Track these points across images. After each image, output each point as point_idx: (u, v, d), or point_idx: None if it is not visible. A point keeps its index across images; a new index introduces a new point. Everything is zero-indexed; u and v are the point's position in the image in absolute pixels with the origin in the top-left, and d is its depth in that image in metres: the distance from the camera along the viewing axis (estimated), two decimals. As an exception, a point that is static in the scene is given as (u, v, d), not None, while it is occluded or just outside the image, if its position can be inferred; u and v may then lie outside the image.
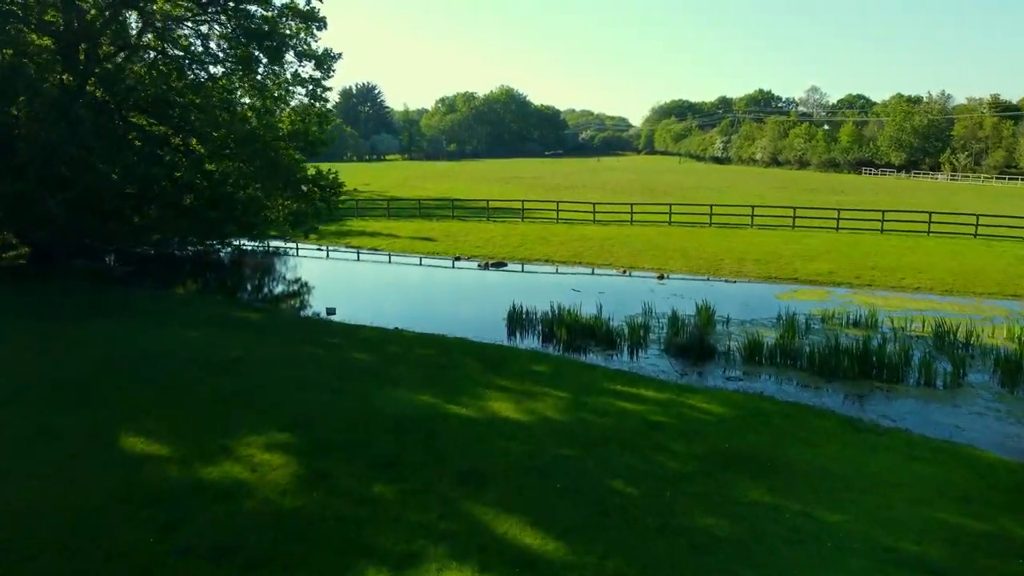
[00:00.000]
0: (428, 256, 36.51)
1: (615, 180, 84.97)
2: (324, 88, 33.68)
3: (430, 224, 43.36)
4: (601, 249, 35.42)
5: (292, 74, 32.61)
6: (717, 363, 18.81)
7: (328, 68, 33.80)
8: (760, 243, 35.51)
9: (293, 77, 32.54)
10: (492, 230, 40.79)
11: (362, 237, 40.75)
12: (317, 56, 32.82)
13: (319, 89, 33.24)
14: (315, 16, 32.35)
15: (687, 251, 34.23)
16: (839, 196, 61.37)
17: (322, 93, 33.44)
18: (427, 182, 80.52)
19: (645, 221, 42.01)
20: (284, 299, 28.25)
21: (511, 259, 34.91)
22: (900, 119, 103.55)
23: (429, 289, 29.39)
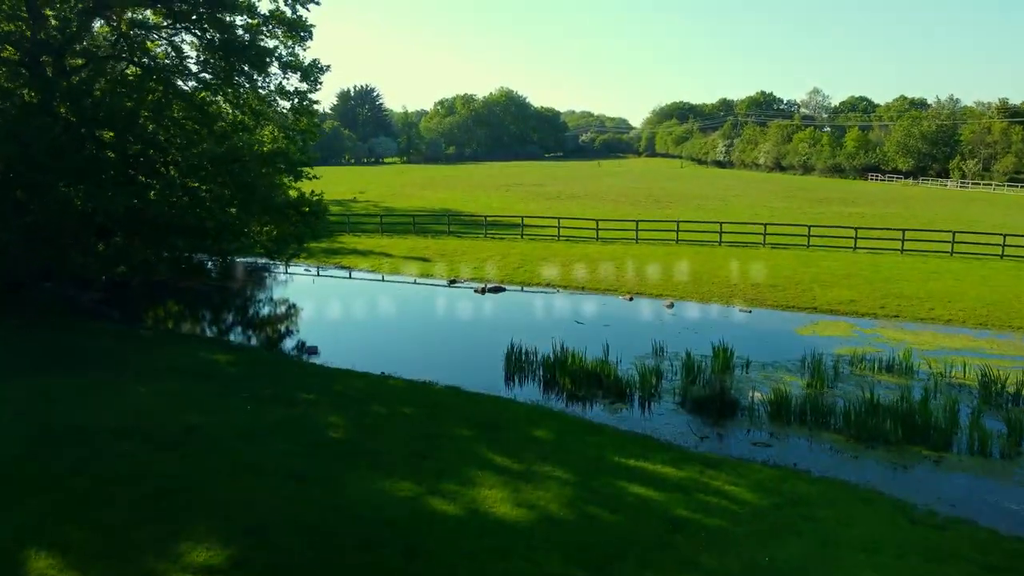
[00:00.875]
0: (422, 278, 34.47)
1: (617, 188, 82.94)
2: (310, 101, 31.62)
3: (425, 241, 41.30)
4: (604, 271, 33.36)
5: (276, 86, 30.58)
6: (740, 421, 16.76)
7: (315, 80, 31.76)
8: (775, 265, 33.45)
9: (277, 90, 30.50)
10: (490, 249, 38.73)
11: (354, 256, 38.69)
12: (303, 68, 30.79)
13: (305, 102, 31.18)
14: (302, 25, 30.30)
15: (697, 274, 32.17)
16: (851, 208, 59.35)
17: (308, 107, 31.38)
18: (424, 190, 78.47)
19: (651, 239, 39.93)
20: (263, 330, 26.20)
21: (510, 282, 32.86)
22: (908, 124, 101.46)
23: (421, 319, 27.32)
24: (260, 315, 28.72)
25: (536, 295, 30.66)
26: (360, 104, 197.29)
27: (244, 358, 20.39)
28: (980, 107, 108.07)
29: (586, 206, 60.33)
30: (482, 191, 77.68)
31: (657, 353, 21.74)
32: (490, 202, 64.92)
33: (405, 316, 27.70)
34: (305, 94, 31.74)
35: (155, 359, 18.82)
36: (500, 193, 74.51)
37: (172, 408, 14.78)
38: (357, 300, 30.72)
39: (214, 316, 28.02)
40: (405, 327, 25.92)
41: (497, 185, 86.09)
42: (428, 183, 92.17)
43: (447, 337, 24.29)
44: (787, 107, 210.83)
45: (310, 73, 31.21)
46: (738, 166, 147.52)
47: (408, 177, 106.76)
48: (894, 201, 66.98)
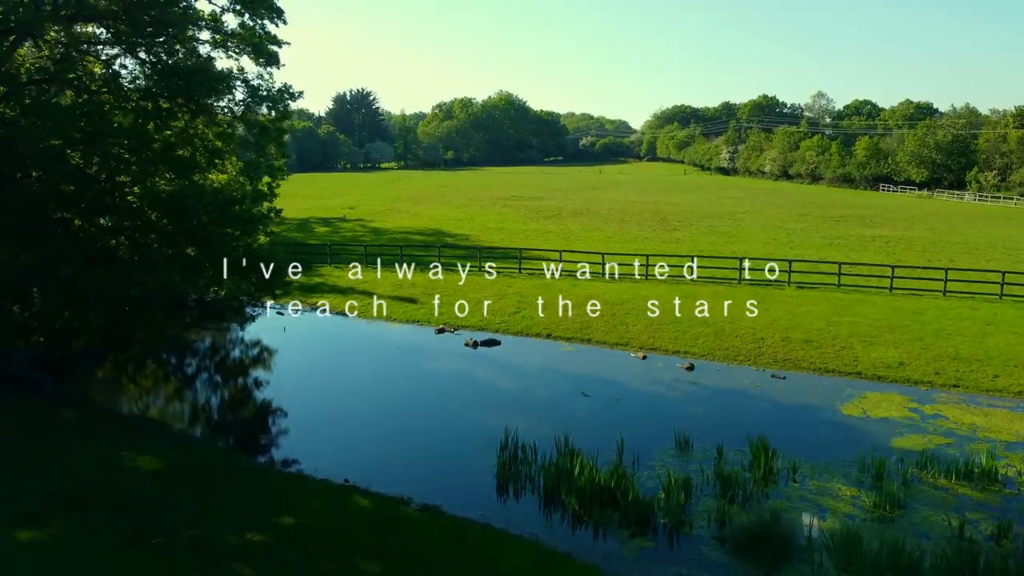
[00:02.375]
0: (408, 324, 30.67)
1: (621, 202, 79.15)
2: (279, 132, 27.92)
3: (413, 278, 37.47)
4: (613, 319, 29.56)
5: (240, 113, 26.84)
6: (798, 569, 12.99)
7: (284, 109, 28.11)
8: (805, 313, 29.66)
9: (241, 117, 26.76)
10: (484, 287, 34.93)
11: (333, 294, 34.87)
12: (271, 94, 27.10)
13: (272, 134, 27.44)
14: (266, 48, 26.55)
15: (718, 324, 28.39)
16: (871, 229, 55.55)
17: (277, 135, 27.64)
18: (418, 205, 74.64)
19: (662, 275, 36.11)
20: (210, 409, 22.38)
21: (506, 330, 29.09)
22: (922, 134, 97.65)
23: (401, 389, 23.49)
24: (213, 382, 24.87)
25: (535, 350, 26.87)
26: (356, 108, 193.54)
27: (175, 462, 16.57)
28: (995, 115, 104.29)
29: (589, 227, 56.55)
30: (478, 206, 73.86)
31: (682, 447, 17.99)
32: (486, 221, 61.12)
33: (383, 385, 23.85)
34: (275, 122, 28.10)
35: (57, 469, 15.02)
36: (497, 209, 70.70)
37: (56, 570, 10.98)
38: (328, 360, 26.86)
39: (159, 381, 24.19)
40: (382, 402, 22.09)
41: (494, 199, 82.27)
42: (422, 195, 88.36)
43: (430, 419, 20.47)
44: (791, 111, 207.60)
45: (279, 100, 27.53)
46: (742, 173, 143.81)
47: (402, 188, 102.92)
48: (915, 220, 63.20)
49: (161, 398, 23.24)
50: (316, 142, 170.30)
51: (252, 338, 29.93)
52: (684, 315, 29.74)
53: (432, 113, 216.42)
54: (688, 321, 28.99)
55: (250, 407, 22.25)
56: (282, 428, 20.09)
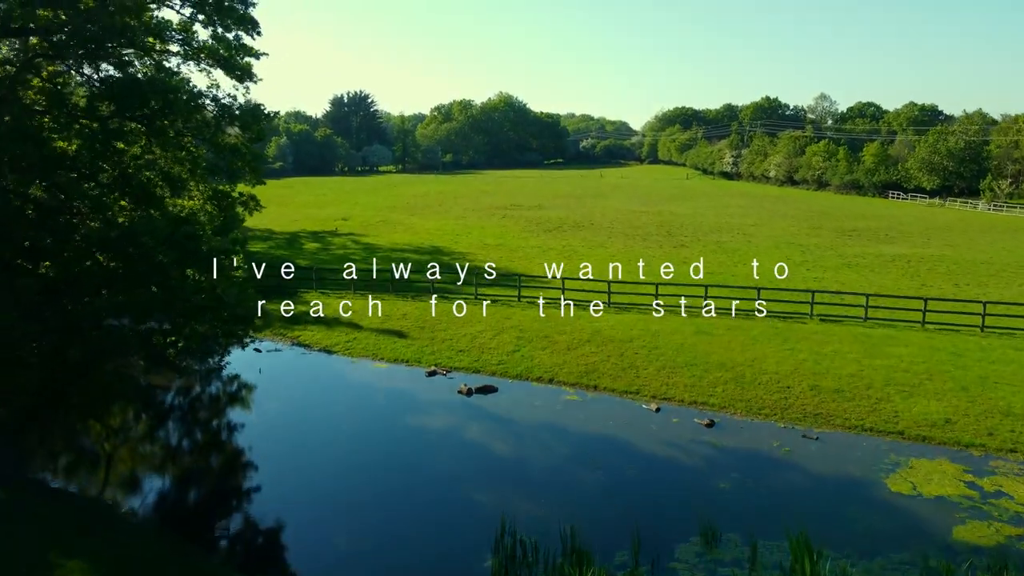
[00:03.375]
0: (395, 364, 28.00)
1: (624, 212, 76.46)
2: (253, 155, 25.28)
3: (404, 305, 34.76)
4: (622, 361, 26.88)
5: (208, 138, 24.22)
6: None
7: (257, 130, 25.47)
8: (832, 353, 26.98)
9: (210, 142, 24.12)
10: (481, 319, 32.24)
11: (317, 327, 32.16)
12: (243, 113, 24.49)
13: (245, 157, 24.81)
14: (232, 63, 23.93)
15: (738, 368, 25.71)
16: (889, 246, 52.83)
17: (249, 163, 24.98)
18: (413, 216, 71.90)
19: (673, 307, 33.40)
20: (163, 489, 19.67)
21: (503, 374, 26.42)
22: (934, 141, 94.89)
23: (382, 454, 20.81)
24: (169, 447, 22.06)
25: (536, 399, 24.18)
26: (354, 111, 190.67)
27: (112, 567, 13.89)
28: (1007, 120, 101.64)
29: (592, 243, 53.84)
30: (476, 217, 71.15)
31: (709, 541, 15.33)
32: (484, 235, 58.42)
33: (362, 450, 21.11)
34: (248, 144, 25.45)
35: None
36: (496, 221, 67.99)
37: None
38: (304, 413, 24.05)
39: (106, 446, 21.44)
40: (359, 474, 19.41)
41: (493, 208, 79.55)
42: (419, 204, 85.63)
43: (415, 499, 17.79)
44: (793, 113, 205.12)
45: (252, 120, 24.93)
46: (746, 178, 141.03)
47: (399, 194, 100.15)
48: (932, 234, 60.50)
49: (108, 468, 20.52)
50: (313, 145, 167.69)
51: (220, 385, 27.17)
52: (699, 355, 27.07)
53: (431, 115, 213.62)
54: (704, 363, 26.31)
55: (209, 482, 19.54)
56: (244, 513, 17.43)
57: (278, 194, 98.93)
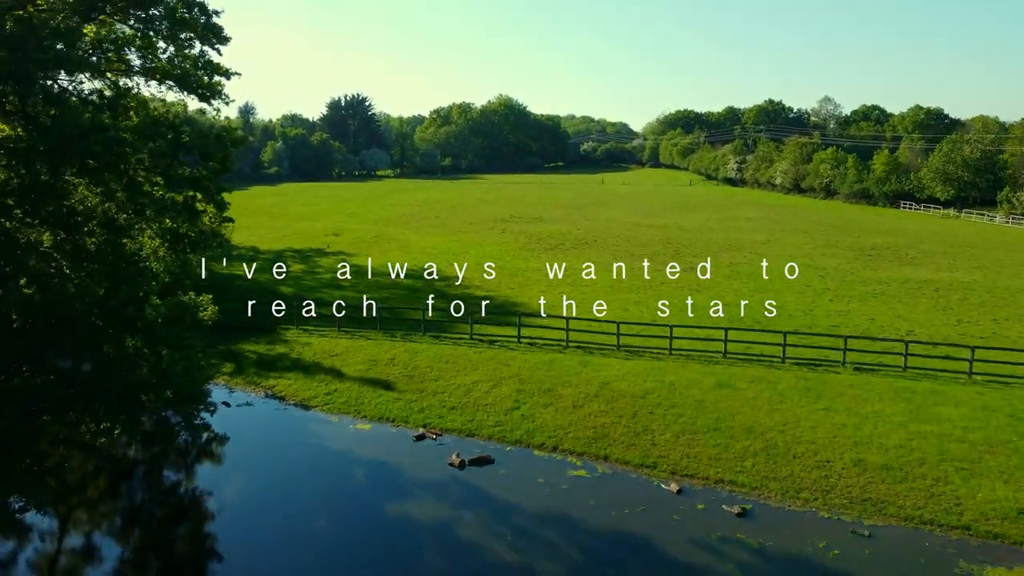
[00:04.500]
0: (380, 423, 24.86)
1: (628, 227, 73.31)
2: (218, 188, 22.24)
3: (392, 348, 31.56)
4: (635, 423, 23.73)
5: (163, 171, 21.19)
6: None
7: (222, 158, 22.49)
8: (873, 414, 23.83)
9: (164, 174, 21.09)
10: (477, 366, 29.07)
11: (294, 375, 29.00)
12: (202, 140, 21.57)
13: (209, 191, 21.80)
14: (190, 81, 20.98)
15: (768, 435, 22.57)
16: (914, 269, 49.63)
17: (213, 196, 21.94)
18: (408, 231, 68.70)
19: (688, 350, 30.23)
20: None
21: (501, 439, 23.29)
22: (948, 150, 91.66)
23: (360, 553, 17.68)
24: (97, 550, 18.83)
25: (538, 474, 21.03)
26: (351, 114, 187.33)
27: None
28: (1022, 127, 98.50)
29: (596, 264, 50.66)
30: (474, 232, 67.97)
31: None
32: (482, 254, 55.23)
33: (335, 551, 18.01)
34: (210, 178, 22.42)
35: None
36: (495, 237, 64.79)
37: None
38: (266, 496, 20.91)
39: (28, 546, 18.26)
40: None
41: (492, 221, 76.36)
42: (415, 215, 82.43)
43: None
44: (796, 116, 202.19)
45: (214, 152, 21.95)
46: (751, 184, 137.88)
47: (395, 203, 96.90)
48: (955, 253, 57.30)
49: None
50: (309, 150, 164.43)
51: (176, 457, 23.88)
52: (723, 416, 23.93)
53: (430, 118, 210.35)
54: (728, 427, 23.16)
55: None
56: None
57: (269, 203, 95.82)
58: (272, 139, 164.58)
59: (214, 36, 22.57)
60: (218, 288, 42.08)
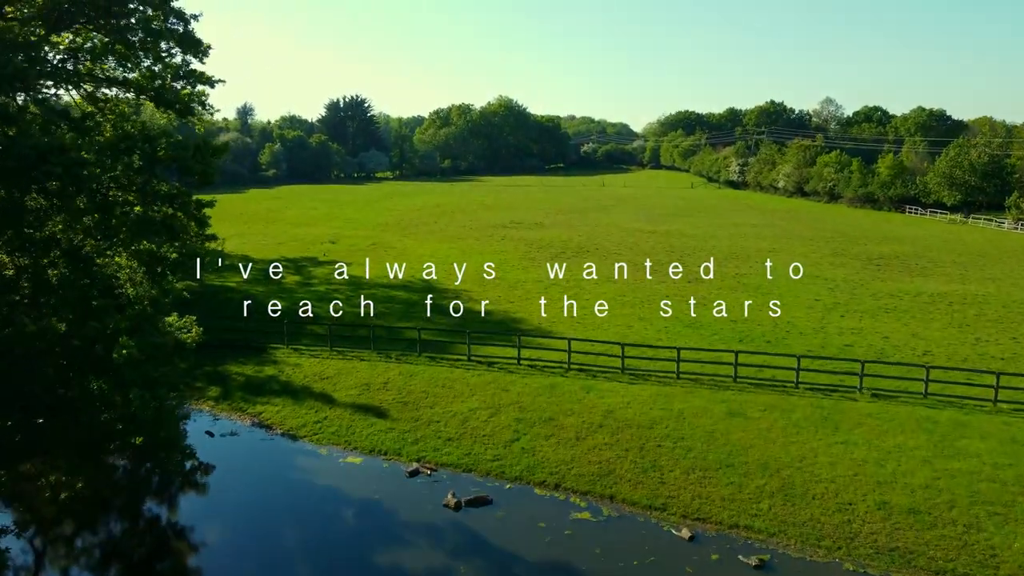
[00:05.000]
0: (371, 456, 23.48)
1: (631, 233, 71.89)
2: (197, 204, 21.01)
3: (386, 370, 30.17)
4: (642, 458, 22.35)
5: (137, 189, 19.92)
6: None
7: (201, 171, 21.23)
8: (895, 449, 22.44)
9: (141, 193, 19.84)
10: (474, 391, 27.69)
11: (283, 400, 27.61)
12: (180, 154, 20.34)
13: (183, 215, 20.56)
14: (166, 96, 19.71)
15: (784, 473, 21.19)
16: (924, 280, 48.23)
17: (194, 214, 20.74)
18: (406, 238, 67.27)
19: (695, 374, 28.84)
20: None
21: (500, 475, 21.93)
22: (955, 154, 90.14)
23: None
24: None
25: (539, 518, 19.65)
26: (350, 116, 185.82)
27: None
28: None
29: (599, 274, 49.27)
30: (473, 239, 66.55)
31: None
32: (481, 263, 53.77)
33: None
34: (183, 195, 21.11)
35: None
36: (495, 244, 63.37)
37: None
38: (248, 541, 19.58)
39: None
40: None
41: (492, 227, 74.95)
42: (413, 220, 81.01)
43: None
44: (798, 117, 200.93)
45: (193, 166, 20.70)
46: (753, 187, 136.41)
47: (393, 208, 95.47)
48: (966, 263, 55.89)
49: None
50: (307, 152, 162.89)
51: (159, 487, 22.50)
52: (735, 450, 22.54)
53: (429, 120, 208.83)
54: (742, 463, 21.78)
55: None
56: None
57: (266, 208, 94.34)
58: (270, 141, 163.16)
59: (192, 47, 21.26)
60: (208, 301, 40.84)
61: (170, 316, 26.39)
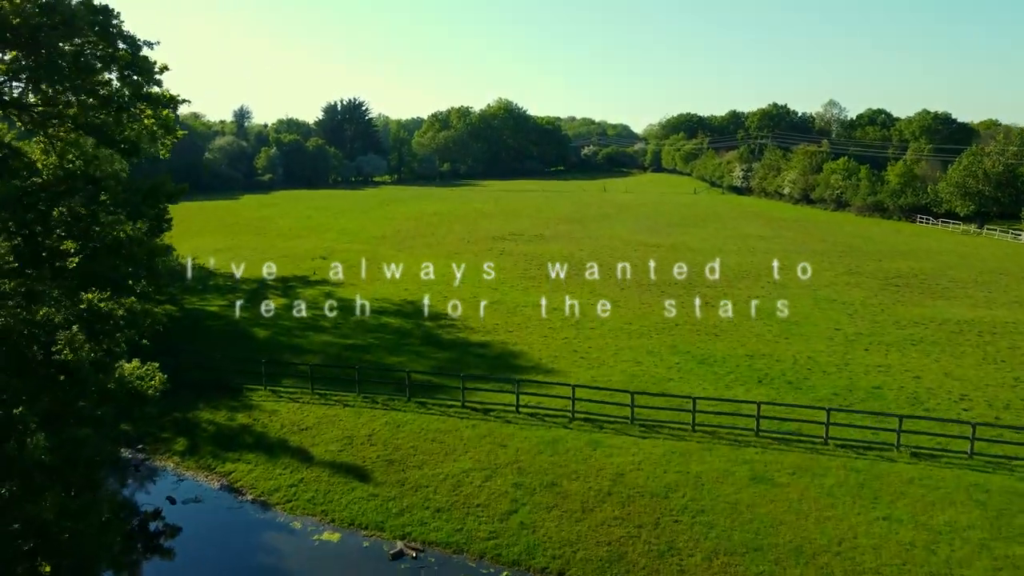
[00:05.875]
0: (350, 531, 20.79)
1: (635, 247, 69.23)
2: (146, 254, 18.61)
3: (371, 420, 27.43)
4: (657, 537, 19.65)
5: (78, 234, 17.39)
6: None
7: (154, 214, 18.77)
8: (947, 530, 19.74)
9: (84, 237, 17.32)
10: (467, 448, 24.94)
11: (255, 457, 24.88)
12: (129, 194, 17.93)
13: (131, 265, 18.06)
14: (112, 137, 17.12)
15: (822, 560, 18.47)
16: (946, 303, 45.48)
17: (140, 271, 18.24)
18: (401, 251, 64.56)
19: (715, 426, 26.14)
20: None
21: (494, 560, 19.31)
22: (969, 163, 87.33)
23: None
24: None
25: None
26: (348, 119, 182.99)
27: None
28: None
29: (603, 296, 46.56)
30: (470, 253, 63.81)
31: None
32: (478, 283, 51.10)
33: None
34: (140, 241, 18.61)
35: None
36: (493, 259, 60.64)
37: None
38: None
39: None
40: None
41: (490, 239, 72.25)
42: (409, 231, 78.30)
43: None
44: (801, 120, 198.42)
45: (142, 208, 18.23)
46: (757, 193, 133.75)
47: (390, 215, 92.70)
48: (989, 280, 53.22)
49: None
50: (304, 156, 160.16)
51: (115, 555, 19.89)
52: (763, 528, 19.84)
53: (428, 123, 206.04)
54: (773, 546, 19.07)
55: None
56: None
57: (258, 217, 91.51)
58: (266, 145, 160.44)
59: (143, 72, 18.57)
60: (185, 332, 38.12)
61: (129, 363, 23.78)
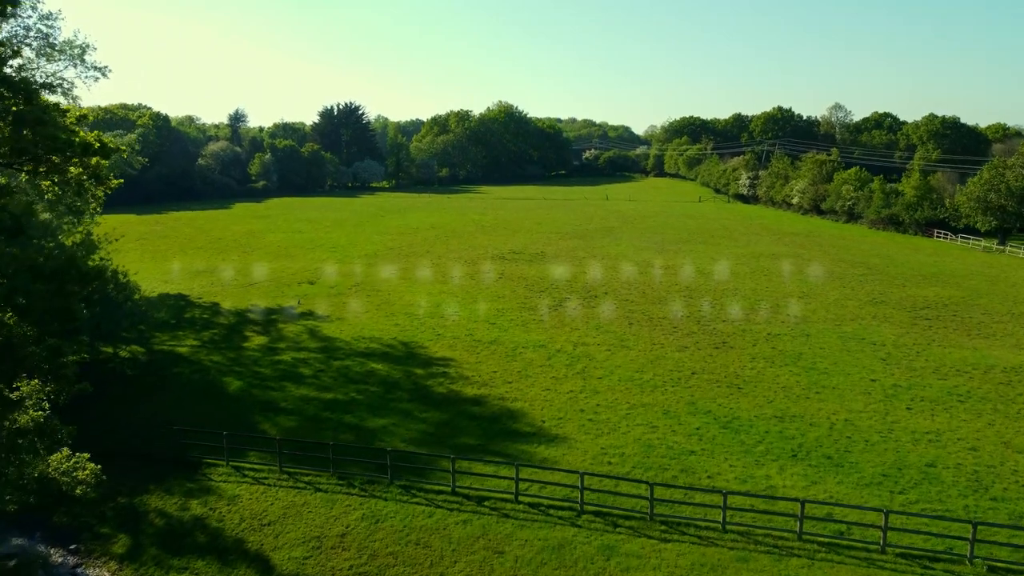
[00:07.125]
0: None
1: (642, 268, 65.34)
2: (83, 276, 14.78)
3: (345, 513, 23.50)
4: None
5: None
6: None
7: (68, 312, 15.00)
8: None
9: None
10: (456, 563, 21.02)
11: (205, 565, 20.95)
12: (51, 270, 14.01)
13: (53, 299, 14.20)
14: None
15: None
16: (988, 344, 41.52)
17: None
18: (393, 274, 60.62)
19: (750, 526, 22.24)
20: None
21: None
22: (990, 176, 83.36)
23: None
24: None
25: None
26: (344, 123, 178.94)
27: None
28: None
29: (611, 335, 42.71)
30: (468, 277, 59.94)
31: None
32: (474, 318, 47.24)
33: None
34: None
35: None
36: (491, 286, 56.74)
37: None
38: None
39: None
40: None
41: (490, 258, 68.37)
42: (403, 248, 74.42)
43: None
44: (806, 124, 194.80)
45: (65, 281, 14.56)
46: (764, 202, 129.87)
47: (385, 228, 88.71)
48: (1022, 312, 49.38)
49: None
50: (299, 162, 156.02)
51: None
52: None
53: (427, 127, 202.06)
54: None
55: None
56: None
57: (247, 231, 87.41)
58: (260, 150, 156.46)
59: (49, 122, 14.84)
60: (149, 386, 34.22)
61: (56, 454, 20.08)
